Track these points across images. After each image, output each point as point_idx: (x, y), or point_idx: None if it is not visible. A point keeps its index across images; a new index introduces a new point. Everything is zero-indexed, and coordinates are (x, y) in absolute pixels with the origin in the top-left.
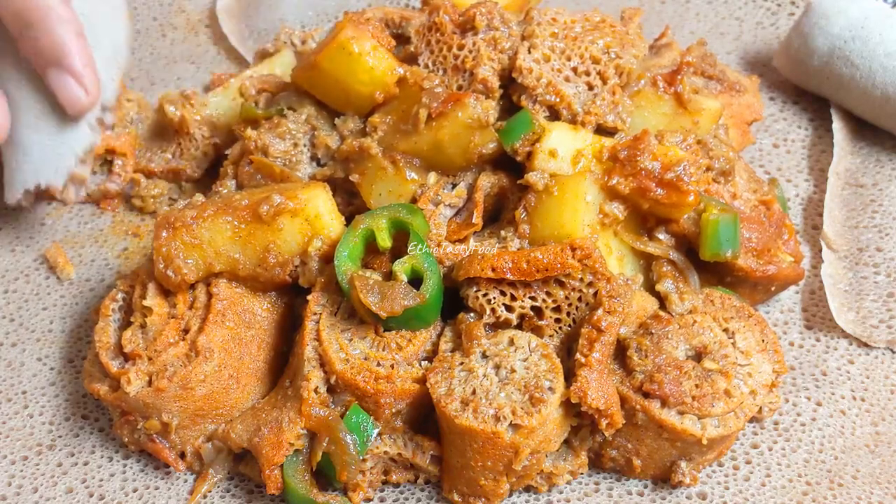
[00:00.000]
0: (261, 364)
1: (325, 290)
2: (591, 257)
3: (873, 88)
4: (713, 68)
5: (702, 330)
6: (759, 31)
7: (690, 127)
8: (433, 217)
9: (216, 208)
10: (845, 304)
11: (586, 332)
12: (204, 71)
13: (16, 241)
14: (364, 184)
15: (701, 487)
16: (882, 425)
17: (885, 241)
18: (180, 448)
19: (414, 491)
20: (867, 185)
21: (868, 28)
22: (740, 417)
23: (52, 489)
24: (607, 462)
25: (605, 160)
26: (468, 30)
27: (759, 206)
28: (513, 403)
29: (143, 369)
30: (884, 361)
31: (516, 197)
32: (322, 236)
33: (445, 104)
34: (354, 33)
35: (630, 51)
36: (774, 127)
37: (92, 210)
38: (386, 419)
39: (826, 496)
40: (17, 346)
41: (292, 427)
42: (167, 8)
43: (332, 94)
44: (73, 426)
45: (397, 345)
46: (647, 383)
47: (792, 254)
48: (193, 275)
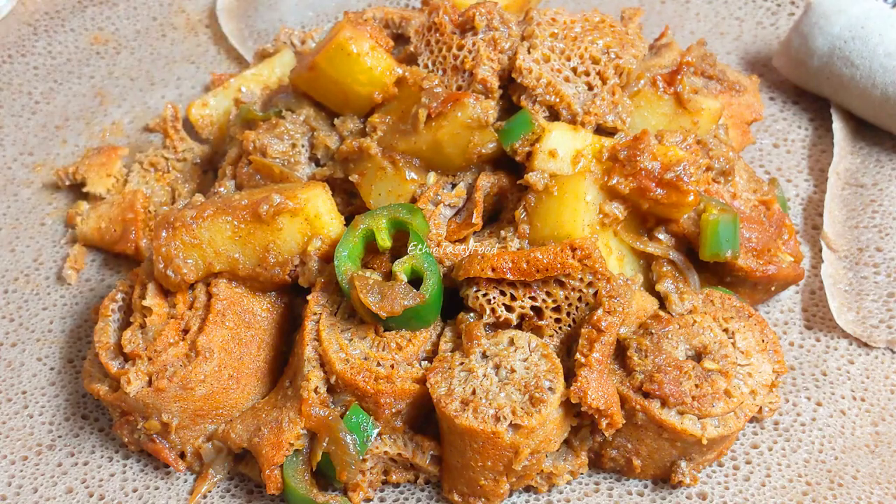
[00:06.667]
0: (261, 364)
1: (324, 290)
2: (591, 257)
3: (873, 88)
4: (713, 68)
5: (702, 330)
6: (759, 31)
7: (690, 127)
8: (433, 217)
9: (216, 208)
10: (845, 304)
11: (586, 332)
12: (204, 71)
13: (16, 241)
14: (363, 184)
15: (701, 487)
16: (882, 425)
17: (885, 241)
18: (180, 448)
19: (414, 491)
20: (867, 185)
21: (868, 28)
22: (740, 417)
23: (52, 489)
24: (607, 462)
25: (605, 160)
26: (468, 30)
27: (759, 206)
28: (513, 403)
29: (142, 369)
30: (884, 361)
31: (516, 197)
32: (322, 236)
33: (445, 104)
34: (353, 34)
35: (630, 51)
36: (774, 127)
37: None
38: (386, 419)
39: (826, 496)
40: (17, 346)
41: (292, 427)
42: (167, 8)
43: (331, 95)
44: (73, 426)
45: (397, 345)
46: (647, 383)
47: (792, 254)
48: (193, 275)
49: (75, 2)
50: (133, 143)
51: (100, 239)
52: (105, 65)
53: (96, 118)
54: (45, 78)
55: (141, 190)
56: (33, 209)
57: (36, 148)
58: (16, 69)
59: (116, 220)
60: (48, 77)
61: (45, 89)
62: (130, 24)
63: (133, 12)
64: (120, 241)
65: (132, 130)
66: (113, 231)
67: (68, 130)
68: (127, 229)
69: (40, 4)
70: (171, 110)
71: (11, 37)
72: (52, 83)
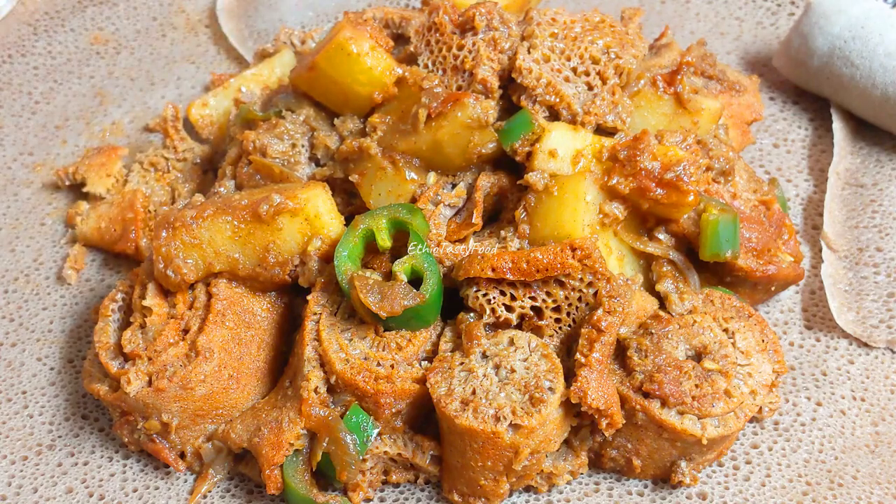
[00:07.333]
0: (261, 364)
1: (324, 290)
2: (591, 257)
3: (873, 88)
4: (713, 68)
5: (702, 330)
6: (759, 31)
7: (690, 127)
8: (433, 217)
9: (216, 208)
10: (845, 304)
11: (586, 332)
12: (204, 71)
13: (16, 241)
14: (363, 184)
15: (701, 487)
16: (882, 425)
17: (885, 241)
18: (180, 448)
19: (414, 491)
20: (867, 185)
21: (868, 28)
22: (740, 417)
23: (52, 489)
24: (607, 462)
25: (605, 160)
26: (468, 30)
27: (759, 206)
28: (513, 403)
29: (142, 369)
30: (884, 361)
31: (516, 197)
32: (322, 236)
33: (445, 104)
34: (353, 34)
35: (630, 51)
36: (774, 127)
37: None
38: (386, 419)
39: (826, 496)
40: (17, 346)
41: (292, 427)
42: (167, 8)
43: (331, 95)
44: (73, 426)
45: (397, 345)
46: (647, 383)
47: (792, 254)
48: (193, 275)
49: (75, 2)
50: (133, 143)
51: (100, 239)
52: (105, 65)
53: (96, 118)
54: (45, 78)
55: (141, 190)
56: (33, 209)
57: (36, 148)
58: (16, 69)
59: (116, 219)
60: (48, 77)
61: (45, 89)
62: (130, 24)
63: (133, 12)
64: (120, 241)
65: (132, 130)
66: (113, 231)
67: (68, 130)
68: (127, 229)
69: (40, 4)
70: (171, 110)
71: (11, 37)
72: (52, 83)
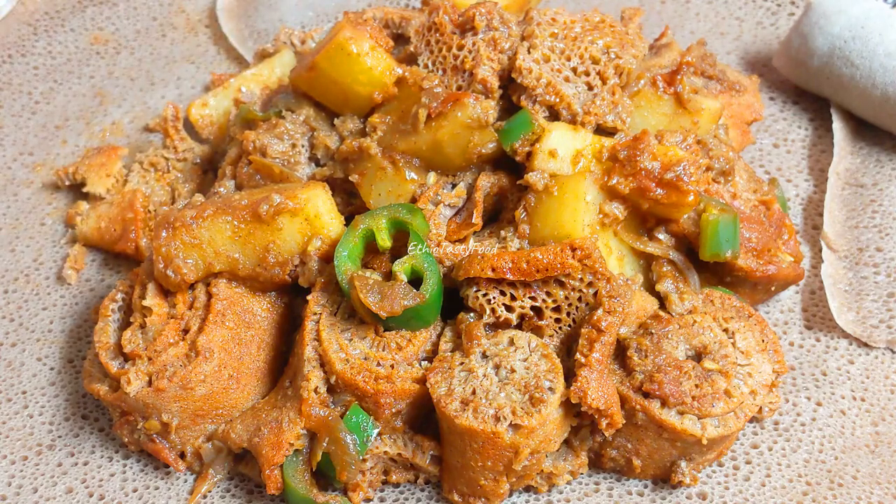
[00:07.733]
0: (261, 364)
1: (324, 290)
2: (591, 257)
3: (873, 88)
4: (713, 68)
5: (702, 330)
6: (759, 31)
7: (690, 127)
8: (433, 217)
9: (216, 208)
10: (845, 304)
11: (586, 332)
12: (204, 71)
13: (16, 241)
14: (363, 184)
15: (701, 487)
16: (882, 425)
17: (885, 241)
18: (180, 448)
19: (414, 491)
20: (867, 185)
21: (868, 28)
22: (740, 417)
23: (52, 489)
24: (607, 462)
25: (605, 160)
26: (468, 30)
27: (759, 206)
28: (513, 403)
29: (142, 369)
30: (884, 361)
31: (516, 197)
32: (322, 236)
33: (445, 104)
34: (352, 34)
35: (630, 51)
36: (774, 127)
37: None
38: (386, 419)
39: (826, 496)
40: (17, 346)
41: (292, 427)
42: (167, 8)
43: (331, 95)
44: (72, 426)
45: (397, 345)
46: (647, 383)
47: (792, 254)
48: (193, 275)
49: (75, 2)
50: (133, 143)
51: (100, 239)
52: (105, 65)
53: (96, 118)
54: (45, 78)
55: (141, 189)
56: (33, 209)
57: (36, 148)
58: (16, 69)
59: (116, 219)
60: (48, 77)
61: (45, 89)
62: (130, 24)
63: (133, 12)
64: (120, 241)
65: (132, 130)
66: (113, 231)
67: (68, 130)
68: (127, 229)
69: (40, 4)
70: (171, 110)
71: (11, 37)
72: (52, 83)
